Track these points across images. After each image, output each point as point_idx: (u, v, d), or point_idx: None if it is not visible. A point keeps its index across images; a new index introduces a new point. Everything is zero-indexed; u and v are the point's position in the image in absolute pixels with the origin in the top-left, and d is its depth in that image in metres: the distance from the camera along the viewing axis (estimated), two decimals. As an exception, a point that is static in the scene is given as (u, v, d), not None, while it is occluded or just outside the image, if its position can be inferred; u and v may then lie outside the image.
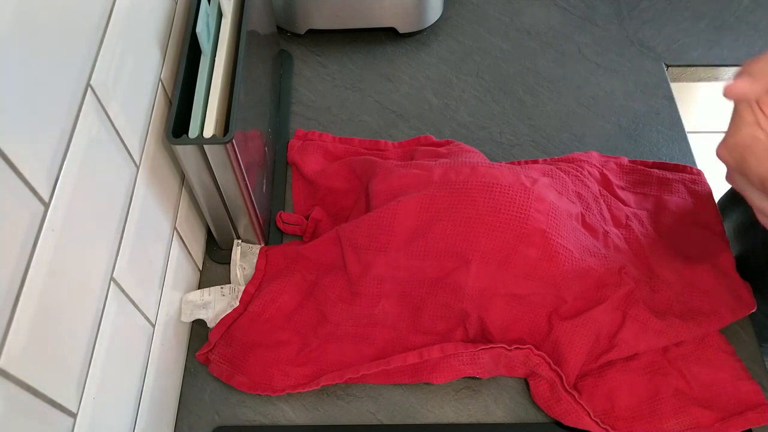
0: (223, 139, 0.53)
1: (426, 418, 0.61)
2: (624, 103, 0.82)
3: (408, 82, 0.84)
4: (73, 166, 0.41)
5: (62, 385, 0.40)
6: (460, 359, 0.59)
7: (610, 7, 0.92)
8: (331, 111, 0.81)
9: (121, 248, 0.49)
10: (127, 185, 0.50)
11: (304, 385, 0.60)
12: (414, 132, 0.79)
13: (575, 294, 0.61)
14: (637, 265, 0.65)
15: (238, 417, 0.61)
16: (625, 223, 0.69)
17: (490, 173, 0.62)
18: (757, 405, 0.58)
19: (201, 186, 0.59)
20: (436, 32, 0.89)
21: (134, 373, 0.52)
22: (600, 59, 0.86)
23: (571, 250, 0.61)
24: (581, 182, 0.69)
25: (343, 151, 0.76)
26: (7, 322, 0.34)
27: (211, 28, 0.60)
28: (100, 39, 0.46)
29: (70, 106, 0.41)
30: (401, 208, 0.62)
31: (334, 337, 0.63)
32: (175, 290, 0.61)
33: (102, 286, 0.45)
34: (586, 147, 0.78)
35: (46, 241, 0.37)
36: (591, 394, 0.59)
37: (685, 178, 0.73)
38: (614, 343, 0.60)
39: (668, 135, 0.79)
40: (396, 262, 0.62)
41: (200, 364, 0.63)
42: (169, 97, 0.59)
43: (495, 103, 0.82)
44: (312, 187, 0.74)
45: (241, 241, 0.67)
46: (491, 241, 0.60)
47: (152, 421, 0.54)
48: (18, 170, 0.35)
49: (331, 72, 0.85)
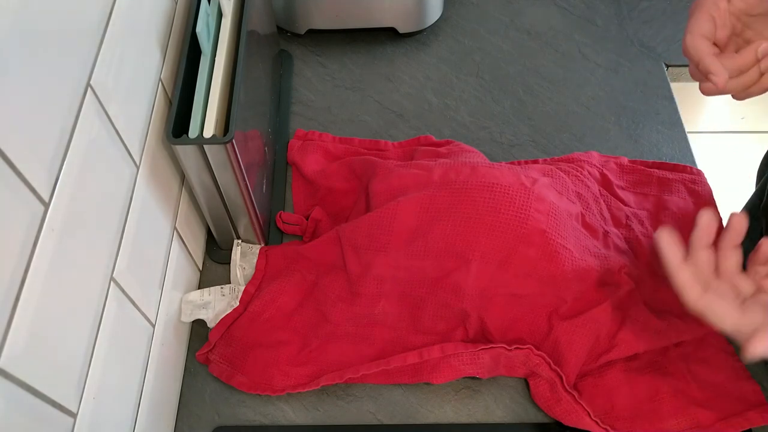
0: (223, 139, 0.53)
1: (426, 418, 0.61)
2: (624, 103, 0.82)
3: (408, 82, 0.84)
4: (73, 166, 0.41)
5: (62, 385, 0.40)
6: (460, 359, 0.59)
7: (610, 7, 0.92)
8: (331, 111, 0.81)
9: (121, 248, 0.49)
10: (127, 185, 0.50)
11: (304, 385, 0.60)
12: (414, 132, 0.79)
13: (575, 294, 0.61)
14: (637, 265, 0.65)
15: (238, 417, 0.61)
16: (625, 223, 0.69)
17: (490, 173, 0.62)
18: (757, 404, 0.58)
19: (201, 186, 0.59)
20: (436, 32, 0.89)
21: (134, 373, 0.52)
22: (600, 59, 0.86)
23: (571, 250, 0.61)
24: (581, 182, 0.69)
25: (343, 151, 0.76)
26: (7, 322, 0.34)
27: (211, 28, 0.60)
28: (100, 39, 0.46)
29: (70, 106, 0.41)
30: (401, 208, 0.62)
31: (334, 337, 0.63)
32: (175, 290, 0.61)
33: (102, 286, 0.45)
34: (586, 147, 0.78)
35: (46, 241, 0.37)
36: (591, 394, 0.59)
37: (685, 178, 0.73)
38: (614, 343, 0.60)
39: (668, 135, 0.79)
40: (396, 262, 0.62)
41: (200, 364, 0.63)
42: (169, 97, 0.59)
43: (495, 103, 0.82)
44: (312, 187, 0.74)
45: (241, 241, 0.67)
46: (491, 241, 0.60)
47: (152, 421, 0.54)
48: (18, 170, 0.35)
49: (331, 72, 0.85)
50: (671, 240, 0.46)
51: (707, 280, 0.45)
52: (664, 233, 0.46)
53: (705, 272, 0.45)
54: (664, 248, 0.46)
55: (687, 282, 0.44)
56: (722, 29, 0.50)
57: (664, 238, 0.46)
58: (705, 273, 0.45)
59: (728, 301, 0.44)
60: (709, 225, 0.46)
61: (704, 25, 0.50)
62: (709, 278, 0.45)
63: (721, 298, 0.44)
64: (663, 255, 0.46)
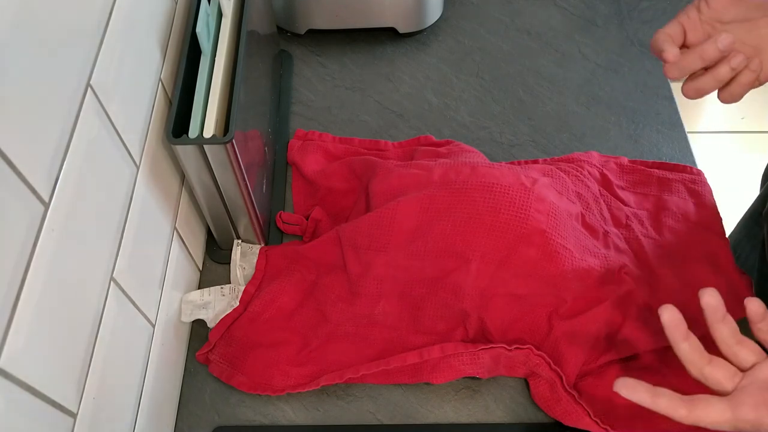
0: (223, 139, 0.53)
1: (426, 418, 0.61)
2: (624, 103, 0.82)
3: (408, 82, 0.84)
4: (73, 166, 0.41)
5: (62, 385, 0.40)
6: (460, 359, 0.59)
7: (610, 7, 0.92)
8: (331, 111, 0.81)
9: (121, 248, 0.49)
10: (127, 185, 0.50)
11: (304, 385, 0.60)
12: (414, 132, 0.79)
13: (575, 294, 0.61)
14: (637, 264, 0.65)
15: (238, 417, 0.61)
16: (625, 223, 0.69)
17: (490, 173, 0.62)
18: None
19: (201, 186, 0.59)
20: (436, 32, 0.89)
21: (134, 373, 0.52)
22: (600, 59, 0.86)
23: (571, 250, 0.61)
24: (581, 182, 0.69)
25: (343, 151, 0.76)
26: (7, 322, 0.34)
27: (211, 28, 0.60)
28: (100, 39, 0.46)
29: (70, 106, 0.41)
30: (401, 208, 0.62)
31: (334, 337, 0.63)
32: (175, 290, 0.61)
33: (102, 286, 0.45)
34: (586, 147, 0.78)
35: (46, 241, 0.37)
36: (591, 394, 0.59)
37: (685, 178, 0.73)
38: (614, 343, 0.60)
39: (668, 135, 0.79)
40: (396, 262, 0.62)
41: (200, 364, 0.63)
42: (169, 97, 0.59)
43: (495, 103, 0.82)
44: (312, 187, 0.74)
45: (241, 241, 0.67)
46: (491, 241, 0.60)
47: (152, 421, 0.54)
48: (18, 170, 0.35)
49: (331, 72, 0.85)
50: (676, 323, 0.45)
51: (701, 369, 0.44)
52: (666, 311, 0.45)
53: (696, 361, 0.44)
54: (668, 332, 0.45)
55: (668, 408, 0.43)
56: (692, 33, 0.52)
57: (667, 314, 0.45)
58: (697, 362, 0.44)
59: (716, 405, 0.42)
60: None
61: (670, 28, 0.53)
62: (702, 364, 0.44)
63: (708, 405, 0.42)
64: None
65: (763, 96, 0.56)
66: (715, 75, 0.51)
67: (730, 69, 0.50)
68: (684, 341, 0.44)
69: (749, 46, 0.51)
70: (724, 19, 0.51)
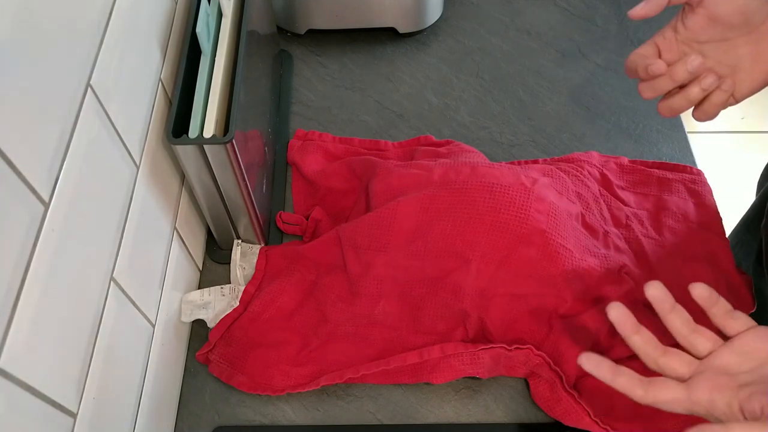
0: (223, 139, 0.53)
1: (426, 418, 0.61)
2: (624, 103, 0.82)
3: (408, 82, 0.84)
4: (73, 166, 0.41)
5: (62, 385, 0.40)
6: (460, 359, 0.59)
7: (610, 7, 0.92)
8: (331, 111, 0.81)
9: (121, 248, 0.49)
10: (127, 185, 0.50)
11: (304, 385, 0.60)
12: (414, 132, 0.79)
13: (575, 294, 0.61)
14: (637, 264, 0.65)
15: (238, 417, 0.61)
16: (625, 223, 0.69)
17: (490, 173, 0.62)
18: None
19: (201, 186, 0.59)
20: (436, 32, 0.89)
21: (134, 373, 0.52)
22: (600, 59, 0.86)
23: (571, 250, 0.61)
24: (581, 182, 0.69)
25: (343, 151, 0.76)
26: (7, 322, 0.34)
27: (211, 28, 0.60)
28: (100, 39, 0.46)
29: (70, 106, 0.41)
30: (401, 208, 0.62)
31: (334, 337, 0.63)
32: (175, 290, 0.61)
33: (102, 286, 0.45)
34: (586, 147, 0.78)
35: (46, 241, 0.37)
36: (591, 394, 0.59)
37: (685, 178, 0.73)
38: (614, 343, 0.60)
39: (668, 135, 0.79)
40: (396, 262, 0.62)
41: (200, 364, 0.63)
42: (169, 97, 0.59)
43: (495, 103, 0.82)
44: (312, 187, 0.74)
45: (241, 241, 0.67)
46: (491, 241, 0.60)
47: (152, 421, 0.54)
48: (18, 170, 0.35)
49: (331, 72, 0.85)
50: (623, 317, 0.45)
51: (655, 359, 0.45)
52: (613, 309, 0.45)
53: (650, 352, 0.45)
54: (619, 328, 0.45)
55: (626, 386, 0.44)
56: (668, 52, 0.52)
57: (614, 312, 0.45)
58: (651, 353, 0.45)
59: (672, 386, 0.43)
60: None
61: (644, 49, 0.53)
62: (656, 355, 0.45)
63: (664, 386, 0.43)
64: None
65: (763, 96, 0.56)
66: (686, 95, 0.51)
67: (700, 90, 0.50)
68: (635, 334, 0.45)
69: (725, 66, 0.51)
70: (701, 39, 0.51)
